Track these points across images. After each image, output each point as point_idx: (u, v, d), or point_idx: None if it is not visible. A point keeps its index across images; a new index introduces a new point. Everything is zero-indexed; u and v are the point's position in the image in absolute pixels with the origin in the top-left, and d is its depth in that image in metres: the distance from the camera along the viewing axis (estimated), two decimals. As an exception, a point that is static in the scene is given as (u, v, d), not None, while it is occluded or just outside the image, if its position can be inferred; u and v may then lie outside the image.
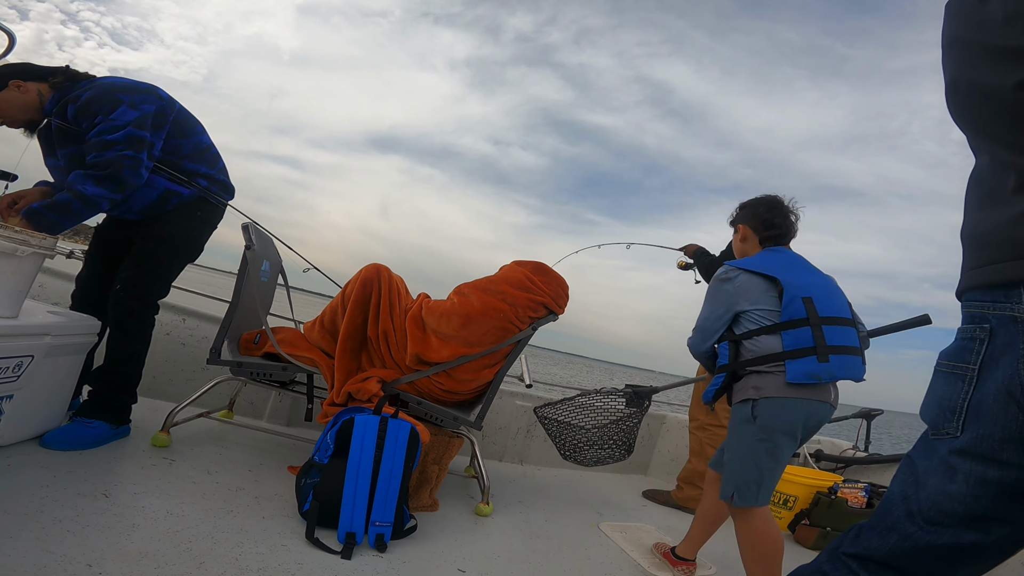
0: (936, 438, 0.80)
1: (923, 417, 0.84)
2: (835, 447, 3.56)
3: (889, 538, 0.81)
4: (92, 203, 1.65)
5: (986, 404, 0.73)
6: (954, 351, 0.81)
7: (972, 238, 0.82)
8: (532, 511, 2.18)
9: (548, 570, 1.65)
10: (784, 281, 1.56)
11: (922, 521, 0.79)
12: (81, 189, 1.62)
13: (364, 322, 2.07)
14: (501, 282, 2.00)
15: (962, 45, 0.80)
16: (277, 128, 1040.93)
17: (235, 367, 1.96)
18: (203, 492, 1.58)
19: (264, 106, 51.42)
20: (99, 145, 1.65)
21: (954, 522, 0.76)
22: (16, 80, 1.69)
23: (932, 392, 0.83)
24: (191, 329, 2.52)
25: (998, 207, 0.77)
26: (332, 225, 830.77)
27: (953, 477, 0.76)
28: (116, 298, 1.79)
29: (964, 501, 0.75)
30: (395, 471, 1.58)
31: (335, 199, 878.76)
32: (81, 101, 1.68)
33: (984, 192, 0.81)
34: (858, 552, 0.84)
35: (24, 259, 1.45)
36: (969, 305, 0.80)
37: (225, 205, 2.04)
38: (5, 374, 1.41)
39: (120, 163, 1.65)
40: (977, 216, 0.82)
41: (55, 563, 1.07)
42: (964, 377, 0.77)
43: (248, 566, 1.24)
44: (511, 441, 2.93)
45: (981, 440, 0.73)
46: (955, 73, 0.82)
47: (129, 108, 1.70)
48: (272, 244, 2.36)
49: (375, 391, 1.87)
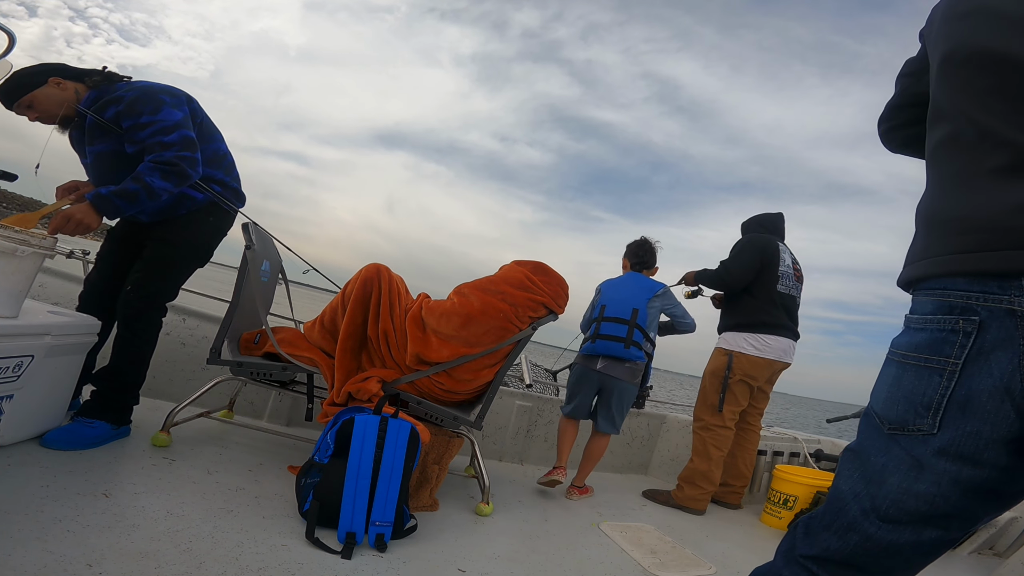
0: (899, 433, 0.76)
1: (882, 411, 0.79)
2: (835, 447, 3.56)
3: (849, 539, 0.79)
4: (155, 195, 1.71)
5: (976, 401, 0.69)
6: (927, 343, 0.75)
7: (950, 220, 0.76)
8: (532, 511, 2.18)
9: (548, 570, 1.65)
10: (603, 294, 2.67)
11: (877, 519, 0.76)
12: (149, 181, 1.68)
13: (364, 322, 2.07)
14: (501, 282, 2.00)
15: (986, 14, 0.75)
16: (283, 124, 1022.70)
17: (235, 367, 1.96)
18: (203, 492, 1.58)
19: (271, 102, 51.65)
20: (158, 145, 1.73)
21: (914, 520, 0.74)
22: (56, 77, 1.75)
23: (896, 386, 0.78)
24: (191, 329, 2.52)
25: (989, 189, 0.71)
26: (339, 221, 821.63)
27: (920, 476, 0.73)
28: (125, 299, 1.81)
29: (931, 501, 0.72)
30: (395, 471, 1.58)
31: (341, 195, 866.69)
32: (125, 102, 1.74)
33: (969, 170, 0.74)
34: (817, 554, 0.82)
35: (24, 259, 1.45)
36: (947, 293, 0.74)
37: (236, 212, 2.06)
38: (5, 374, 1.41)
39: (183, 161, 1.73)
40: (958, 196, 0.75)
41: (55, 563, 1.07)
42: (942, 371, 0.72)
43: (248, 566, 1.24)
44: (511, 441, 2.93)
45: (965, 438, 0.70)
46: (961, 41, 0.78)
47: (173, 108, 1.78)
48: (272, 244, 2.36)
49: (375, 391, 1.87)
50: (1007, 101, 0.72)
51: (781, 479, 2.79)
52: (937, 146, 0.81)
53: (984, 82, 0.74)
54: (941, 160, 0.80)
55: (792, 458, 3.39)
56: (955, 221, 0.75)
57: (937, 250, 0.76)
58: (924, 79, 0.91)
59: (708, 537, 2.34)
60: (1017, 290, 0.67)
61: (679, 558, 1.98)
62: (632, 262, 2.74)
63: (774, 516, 2.75)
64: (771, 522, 2.75)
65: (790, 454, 3.39)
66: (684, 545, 2.14)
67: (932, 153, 0.82)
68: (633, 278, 2.66)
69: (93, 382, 1.82)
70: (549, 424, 3.06)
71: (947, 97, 0.80)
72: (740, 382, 2.73)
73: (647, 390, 3.63)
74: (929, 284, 0.77)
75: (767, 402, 2.93)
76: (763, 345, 2.70)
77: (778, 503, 2.76)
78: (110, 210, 1.68)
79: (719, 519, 2.69)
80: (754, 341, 2.71)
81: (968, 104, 0.76)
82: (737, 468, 2.89)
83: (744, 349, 2.72)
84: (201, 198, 1.91)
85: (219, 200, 1.94)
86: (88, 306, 1.90)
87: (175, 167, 1.71)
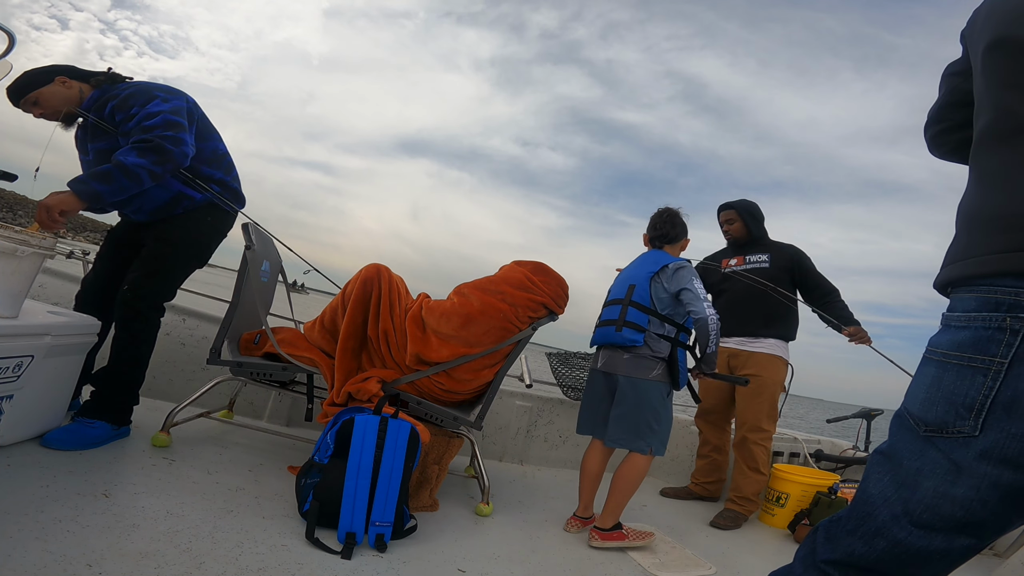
0: (937, 436, 0.72)
1: (919, 413, 0.76)
2: (835, 447, 3.56)
3: (876, 544, 0.76)
4: (131, 173, 1.68)
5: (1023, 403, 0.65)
6: (971, 341, 0.71)
7: (993, 218, 0.72)
8: (532, 511, 2.18)
9: (548, 570, 1.65)
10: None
11: (910, 524, 0.73)
12: (123, 159, 1.68)
13: (364, 322, 2.07)
14: (501, 282, 2.00)
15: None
16: (309, 134, 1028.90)
17: (235, 367, 1.96)
18: (203, 492, 1.58)
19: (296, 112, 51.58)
20: (138, 129, 1.74)
21: (948, 526, 0.71)
22: (63, 76, 1.80)
23: (936, 386, 0.74)
24: (191, 329, 2.52)
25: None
26: (365, 231, 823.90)
27: (958, 480, 0.69)
28: (123, 299, 1.81)
29: (968, 506, 0.69)
30: (395, 471, 1.58)
31: (367, 204, 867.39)
32: (120, 98, 1.78)
33: (1012, 164, 0.71)
34: (840, 559, 0.79)
35: (24, 259, 1.45)
36: (993, 290, 0.70)
37: (236, 213, 2.06)
38: (5, 374, 1.41)
39: (161, 139, 1.72)
40: (1000, 192, 0.72)
41: (55, 563, 1.07)
42: (986, 371, 0.68)
43: (248, 566, 1.24)
44: (511, 441, 2.93)
45: (1010, 441, 0.66)
46: (1002, 32, 0.75)
47: (162, 102, 1.80)
48: (272, 244, 2.36)
49: (375, 391, 1.87)
50: None
51: (776, 477, 2.81)
52: (978, 141, 0.78)
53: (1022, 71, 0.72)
54: (982, 155, 0.77)
55: (792, 458, 3.39)
56: (999, 219, 0.72)
57: (981, 250, 0.73)
58: (971, 78, 0.87)
59: (708, 537, 2.34)
60: None
61: (679, 558, 1.98)
62: (651, 236, 2.25)
63: (768, 514, 2.77)
64: (767, 520, 2.77)
65: (790, 454, 3.39)
66: (684, 545, 2.14)
67: (974, 149, 0.79)
68: (646, 255, 2.20)
69: (92, 382, 1.82)
70: (549, 424, 3.06)
71: (987, 90, 0.77)
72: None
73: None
74: (980, 282, 0.73)
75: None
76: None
77: (772, 501, 2.77)
78: (88, 193, 1.65)
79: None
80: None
81: (1008, 95, 0.74)
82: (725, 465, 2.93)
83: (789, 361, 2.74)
84: (199, 198, 1.91)
85: (218, 200, 1.94)
86: (85, 307, 1.90)
87: (150, 143, 1.70)
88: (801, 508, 2.66)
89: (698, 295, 1.97)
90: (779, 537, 2.56)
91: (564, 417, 3.12)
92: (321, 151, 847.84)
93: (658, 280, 2.05)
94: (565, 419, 3.12)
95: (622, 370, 2.01)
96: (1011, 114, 0.73)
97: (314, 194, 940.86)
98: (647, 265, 2.11)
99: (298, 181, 61.99)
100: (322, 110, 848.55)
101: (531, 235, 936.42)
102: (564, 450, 3.10)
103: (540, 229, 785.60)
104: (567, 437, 3.12)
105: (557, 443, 3.09)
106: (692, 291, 1.97)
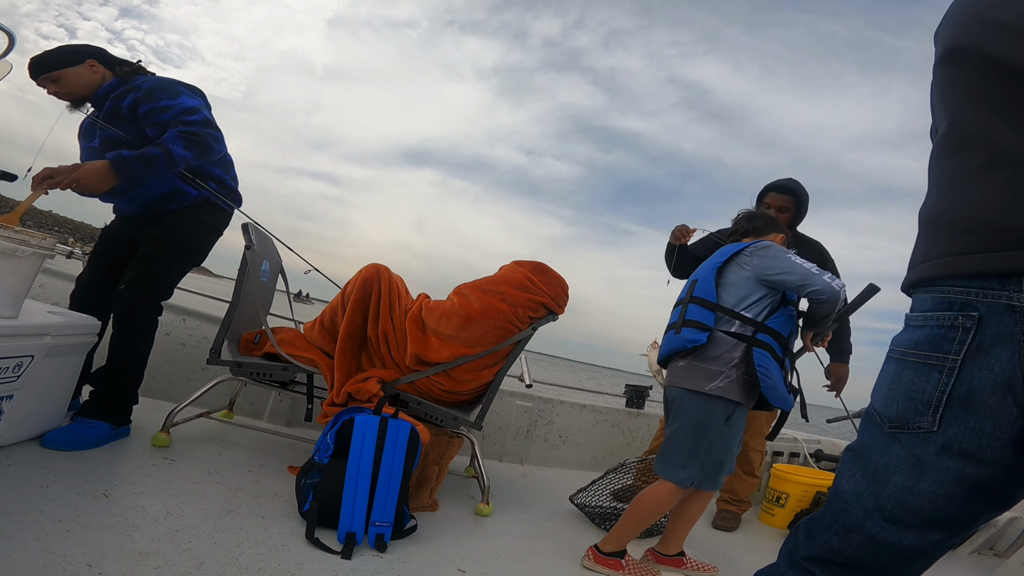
0: (900, 432, 0.75)
1: (882, 410, 0.79)
2: (835, 447, 3.56)
3: (851, 540, 0.78)
4: (174, 163, 1.73)
5: (978, 397, 0.68)
6: (926, 340, 0.74)
7: (948, 222, 0.76)
8: (532, 511, 2.18)
9: (548, 570, 1.65)
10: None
11: (882, 520, 0.75)
12: (171, 147, 1.71)
13: (364, 322, 2.07)
14: (501, 282, 2.00)
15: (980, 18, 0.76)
16: (314, 143, 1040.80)
17: (235, 367, 1.96)
18: (203, 492, 1.58)
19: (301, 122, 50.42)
20: (182, 123, 1.77)
21: (918, 522, 0.73)
22: (93, 60, 1.83)
23: (896, 384, 0.77)
24: (191, 329, 2.52)
25: (981, 188, 0.71)
26: (370, 242, 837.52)
27: (922, 474, 0.72)
28: (120, 298, 1.80)
29: (935, 500, 0.71)
30: (395, 471, 1.58)
31: (371, 215, 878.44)
32: (143, 90, 1.80)
33: (962, 170, 0.75)
34: (819, 555, 0.81)
35: (24, 259, 1.45)
36: (946, 290, 0.74)
37: (231, 211, 2.05)
38: (5, 374, 1.41)
39: (210, 137, 1.80)
40: (953, 197, 0.76)
41: (55, 563, 1.07)
42: (941, 368, 0.71)
43: (248, 566, 1.24)
44: (511, 441, 2.93)
45: (967, 435, 0.69)
46: (955, 42, 0.78)
47: (189, 97, 1.85)
48: (272, 244, 2.36)
49: (375, 391, 1.87)
50: (988, 99, 0.73)
51: (776, 477, 2.82)
52: (936, 148, 0.81)
53: (972, 81, 0.75)
54: (937, 162, 0.80)
55: (792, 458, 3.39)
56: (953, 223, 0.75)
57: (939, 252, 0.76)
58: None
59: (708, 537, 2.34)
60: (1016, 286, 0.67)
61: (679, 558, 1.98)
62: (728, 237, 1.97)
63: (768, 514, 2.78)
64: (767, 520, 2.78)
65: (790, 454, 3.39)
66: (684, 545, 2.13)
67: (932, 156, 0.82)
68: (721, 250, 1.81)
69: (91, 382, 1.82)
70: (549, 424, 3.06)
71: (941, 97, 0.81)
72: None
73: (647, 390, 3.62)
74: (935, 284, 0.76)
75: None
76: None
77: (772, 500, 2.78)
78: (127, 172, 1.68)
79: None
80: None
81: (962, 105, 0.77)
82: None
83: None
84: (195, 195, 1.91)
85: (215, 197, 1.94)
86: (80, 305, 1.90)
87: (199, 137, 1.76)
88: (801, 508, 2.66)
89: (810, 269, 1.59)
90: (779, 537, 2.57)
91: (564, 417, 3.12)
92: (326, 161, 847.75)
93: (735, 265, 1.69)
94: (565, 419, 3.12)
95: (676, 380, 1.69)
96: (963, 123, 0.76)
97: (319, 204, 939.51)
98: (714, 258, 1.76)
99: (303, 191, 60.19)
100: (326, 120, 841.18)
101: (536, 245, 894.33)
102: (564, 450, 3.10)
103: (545, 239, 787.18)
104: (567, 437, 3.13)
105: (557, 443, 3.09)
106: (797, 267, 1.59)
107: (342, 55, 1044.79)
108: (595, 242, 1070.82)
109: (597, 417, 3.25)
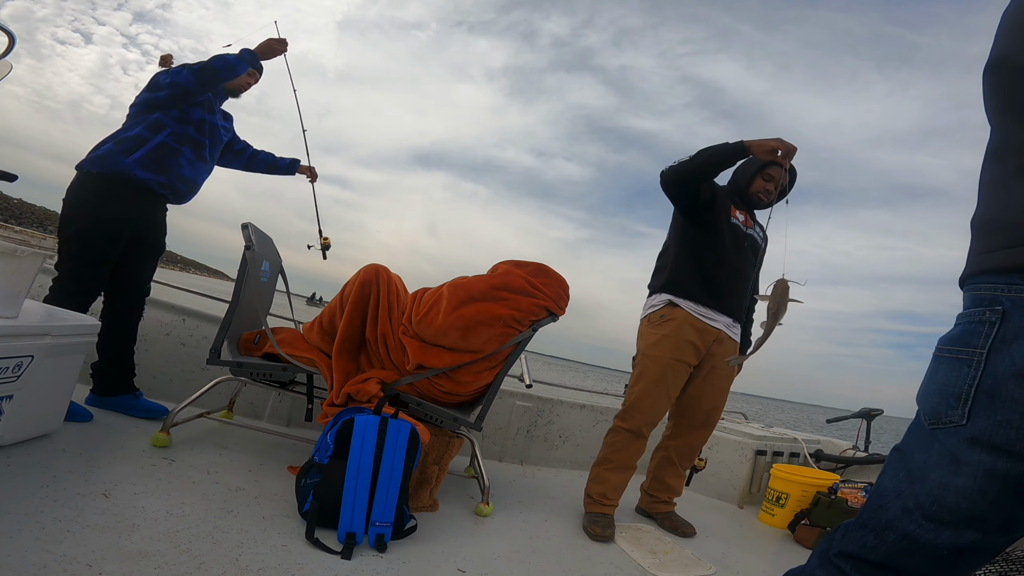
0: (936, 427, 0.76)
1: (922, 407, 0.81)
2: (835, 447, 3.56)
3: (886, 537, 0.78)
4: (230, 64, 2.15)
5: (1003, 388, 0.69)
6: (957, 335, 0.77)
7: (986, 222, 0.80)
8: (532, 511, 2.18)
9: (548, 570, 1.65)
10: None
11: (920, 518, 0.75)
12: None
13: (362, 324, 2.06)
14: (501, 288, 1.96)
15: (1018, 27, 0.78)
16: (325, 147, 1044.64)
17: (235, 367, 1.96)
18: (203, 492, 1.58)
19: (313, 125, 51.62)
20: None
21: (955, 519, 0.72)
22: (254, 70, 2.28)
23: (932, 380, 0.79)
24: (191, 329, 2.52)
25: (1012, 191, 0.75)
26: (383, 245, 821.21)
27: (958, 469, 0.72)
28: (143, 296, 2.20)
29: (969, 496, 0.71)
30: (395, 471, 1.58)
31: (384, 218, 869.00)
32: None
33: (1002, 174, 0.78)
34: (852, 552, 0.81)
35: (24, 259, 1.45)
36: (977, 288, 0.77)
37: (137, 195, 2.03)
38: (5, 374, 1.41)
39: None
40: (991, 200, 0.80)
41: (55, 563, 1.07)
42: (970, 362, 0.73)
43: (248, 566, 1.24)
44: (511, 441, 2.93)
45: (995, 427, 0.69)
46: (999, 52, 0.80)
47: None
48: (272, 244, 2.36)
49: (374, 392, 1.87)
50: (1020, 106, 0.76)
51: (776, 477, 2.81)
52: (985, 157, 0.85)
53: (1012, 90, 0.78)
54: (984, 169, 0.84)
55: (792, 458, 3.39)
56: (987, 223, 0.80)
57: (974, 251, 0.81)
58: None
59: (708, 537, 2.34)
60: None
61: (679, 558, 1.98)
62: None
63: (768, 514, 2.77)
64: (767, 520, 2.77)
65: (790, 454, 3.39)
66: (684, 545, 2.14)
67: (982, 164, 0.86)
68: None
69: (130, 359, 2.14)
70: (549, 424, 3.06)
71: (986, 107, 0.84)
72: None
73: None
74: (968, 282, 0.80)
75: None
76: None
77: (772, 500, 2.77)
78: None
79: (719, 519, 2.69)
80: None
81: (1000, 117, 0.81)
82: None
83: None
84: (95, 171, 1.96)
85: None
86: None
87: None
88: (801, 508, 2.66)
89: None
90: (779, 537, 2.57)
91: (564, 417, 3.12)
92: (338, 164, 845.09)
93: None
94: (565, 419, 3.12)
95: None
96: (1002, 133, 0.80)
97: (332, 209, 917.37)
98: None
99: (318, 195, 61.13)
100: (338, 124, 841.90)
101: (548, 247, 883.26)
102: (564, 450, 3.10)
103: (557, 241, 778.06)
104: (567, 437, 3.13)
105: (557, 443, 3.09)
106: None
107: (352, 58, 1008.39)
108: (608, 244, 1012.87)
109: (597, 417, 3.25)
